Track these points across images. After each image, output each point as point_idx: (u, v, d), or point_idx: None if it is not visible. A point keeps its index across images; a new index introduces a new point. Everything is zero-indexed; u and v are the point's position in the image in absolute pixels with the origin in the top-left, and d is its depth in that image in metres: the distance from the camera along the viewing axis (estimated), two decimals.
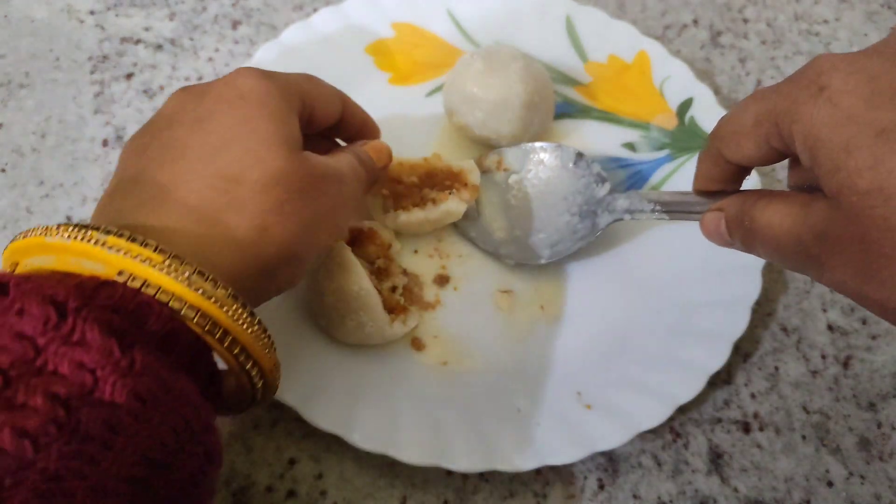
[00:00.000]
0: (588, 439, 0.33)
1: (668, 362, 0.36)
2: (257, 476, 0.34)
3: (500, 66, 0.41)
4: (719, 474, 0.36)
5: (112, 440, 0.18)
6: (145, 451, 0.19)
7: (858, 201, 0.21)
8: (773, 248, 0.25)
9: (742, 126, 0.26)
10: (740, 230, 0.26)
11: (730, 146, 0.26)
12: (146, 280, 0.21)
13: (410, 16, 0.48)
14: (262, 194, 0.25)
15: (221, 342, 0.22)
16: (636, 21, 0.51)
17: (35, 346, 0.18)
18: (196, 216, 0.24)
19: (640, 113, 0.46)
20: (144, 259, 0.21)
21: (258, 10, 0.51)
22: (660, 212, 0.34)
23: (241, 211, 0.24)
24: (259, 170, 0.25)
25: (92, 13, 0.50)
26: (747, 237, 0.26)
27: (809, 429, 0.37)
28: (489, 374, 0.37)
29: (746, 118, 0.25)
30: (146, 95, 0.46)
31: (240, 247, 0.24)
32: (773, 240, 0.24)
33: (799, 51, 0.52)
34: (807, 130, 0.22)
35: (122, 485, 0.18)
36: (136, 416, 0.19)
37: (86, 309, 0.19)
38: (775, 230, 0.24)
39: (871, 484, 0.36)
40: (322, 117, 0.32)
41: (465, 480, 0.34)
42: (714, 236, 0.29)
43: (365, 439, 0.32)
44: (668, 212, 0.34)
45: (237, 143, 0.25)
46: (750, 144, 0.25)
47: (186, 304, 0.21)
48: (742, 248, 0.27)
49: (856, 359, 0.39)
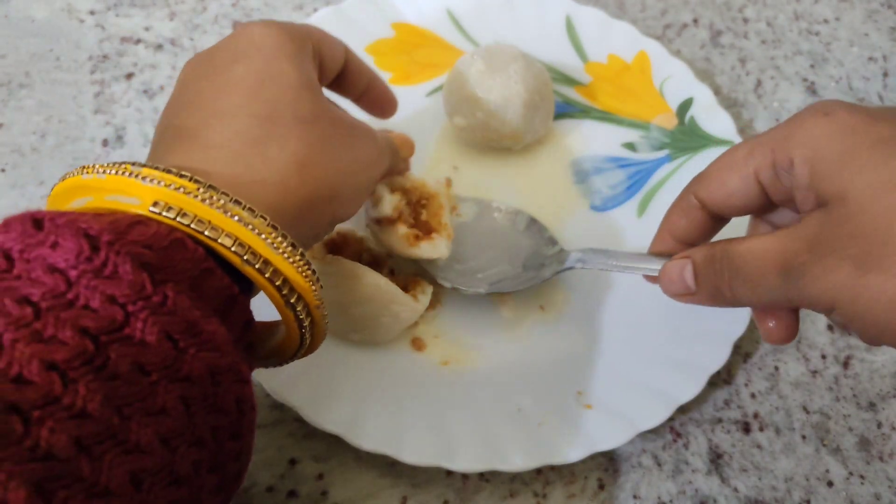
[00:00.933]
0: (588, 439, 0.33)
1: (668, 362, 0.36)
2: (258, 476, 0.34)
3: (500, 66, 0.41)
4: (719, 474, 0.36)
5: (139, 381, 0.18)
6: (173, 396, 0.19)
7: (861, 194, 0.21)
8: (751, 274, 0.24)
9: (730, 161, 0.27)
10: (710, 271, 0.26)
11: (711, 184, 0.27)
12: (181, 209, 0.20)
13: (410, 15, 0.48)
14: (303, 129, 0.24)
15: (262, 274, 0.21)
16: (636, 21, 0.51)
17: (67, 278, 0.18)
18: (233, 152, 0.23)
19: (640, 113, 0.46)
20: (178, 187, 0.20)
21: (258, 9, 0.51)
22: (615, 268, 0.33)
23: (283, 145, 0.24)
24: (293, 109, 0.25)
25: (92, 13, 0.50)
26: (719, 277, 0.26)
27: (809, 429, 0.37)
28: (490, 374, 0.37)
29: (738, 153, 0.27)
30: (146, 95, 0.46)
31: (280, 181, 0.23)
32: (752, 264, 0.24)
33: (799, 50, 0.52)
34: (808, 144, 0.24)
35: (148, 430, 0.18)
36: (165, 357, 0.18)
37: (118, 243, 0.18)
38: (756, 253, 0.24)
39: (871, 484, 0.36)
40: (331, 64, 0.31)
41: (465, 480, 0.34)
42: (675, 284, 0.28)
43: (366, 439, 0.32)
44: (624, 268, 0.33)
45: (264, 87, 0.25)
46: (735, 178, 0.27)
47: (223, 232, 0.20)
48: (705, 295, 0.27)
49: (856, 359, 0.40)
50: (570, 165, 0.45)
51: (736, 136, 0.43)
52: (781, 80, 0.50)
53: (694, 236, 0.30)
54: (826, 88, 0.50)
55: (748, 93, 0.50)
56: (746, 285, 0.25)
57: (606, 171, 0.44)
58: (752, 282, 0.24)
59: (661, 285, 0.29)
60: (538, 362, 0.37)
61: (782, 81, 0.50)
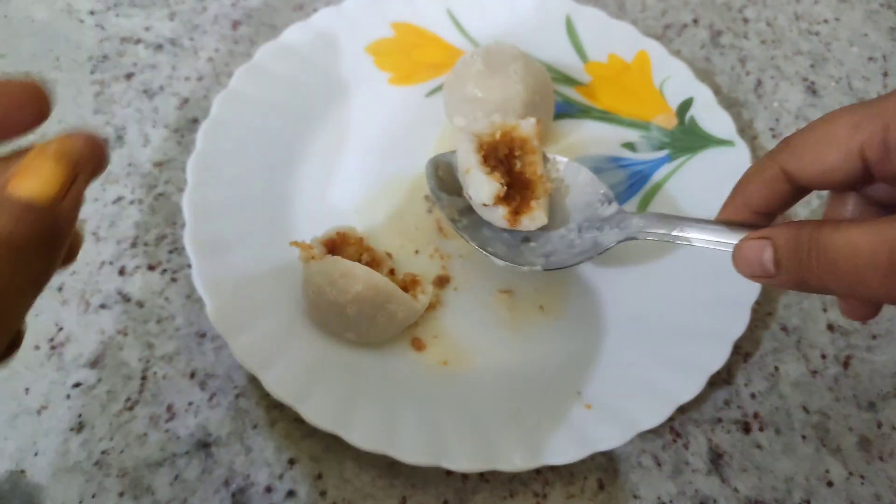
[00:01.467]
0: (588, 439, 0.33)
1: (668, 362, 0.36)
2: (256, 476, 0.34)
3: (500, 66, 0.41)
4: (719, 474, 0.36)
5: None
6: None
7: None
8: (850, 271, 0.21)
9: (830, 134, 0.24)
10: (795, 259, 0.23)
11: (805, 158, 0.24)
12: None
13: (410, 15, 0.48)
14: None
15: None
16: (636, 21, 0.51)
17: None
18: None
19: (640, 113, 0.46)
20: None
21: (258, 9, 0.51)
22: (680, 240, 0.30)
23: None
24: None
25: (92, 13, 0.50)
26: (806, 267, 0.23)
27: (809, 429, 0.37)
28: (489, 374, 0.37)
29: (838, 126, 0.24)
30: (146, 95, 0.46)
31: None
32: (853, 261, 0.21)
33: (799, 50, 0.52)
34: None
35: None
36: None
37: None
38: (858, 248, 0.21)
39: (871, 484, 0.36)
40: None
41: (464, 480, 0.34)
42: (752, 267, 0.25)
43: (364, 439, 0.32)
44: (690, 241, 0.30)
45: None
46: (836, 154, 0.24)
47: None
48: (787, 281, 0.24)
49: (856, 358, 0.39)
50: None
51: (736, 136, 0.43)
52: (781, 80, 0.50)
53: (772, 207, 0.27)
54: (826, 88, 0.50)
55: (748, 93, 0.50)
56: (842, 280, 0.22)
57: (606, 171, 0.44)
58: (850, 278, 0.22)
59: (734, 264, 0.26)
60: (538, 362, 0.37)
61: (782, 81, 0.50)
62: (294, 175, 0.42)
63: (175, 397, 0.36)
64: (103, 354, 0.37)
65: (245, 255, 0.38)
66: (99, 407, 0.35)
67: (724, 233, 0.28)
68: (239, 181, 0.40)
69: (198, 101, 0.46)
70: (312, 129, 0.44)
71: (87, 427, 0.35)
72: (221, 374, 0.36)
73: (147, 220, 0.41)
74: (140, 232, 0.41)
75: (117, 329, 0.37)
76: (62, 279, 0.39)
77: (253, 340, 0.35)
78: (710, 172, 0.42)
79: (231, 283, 0.36)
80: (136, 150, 0.44)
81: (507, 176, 0.35)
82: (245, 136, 0.42)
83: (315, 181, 0.42)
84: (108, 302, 0.38)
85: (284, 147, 0.43)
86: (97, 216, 0.41)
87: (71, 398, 0.36)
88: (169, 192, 0.42)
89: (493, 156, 0.35)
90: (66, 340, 0.37)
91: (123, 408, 0.35)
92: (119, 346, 0.37)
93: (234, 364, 0.37)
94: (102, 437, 0.35)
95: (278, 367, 0.34)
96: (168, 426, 0.35)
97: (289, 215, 0.41)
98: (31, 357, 0.36)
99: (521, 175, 0.35)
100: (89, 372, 0.36)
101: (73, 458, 0.34)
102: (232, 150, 0.41)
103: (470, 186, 0.35)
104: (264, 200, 0.41)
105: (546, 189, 0.35)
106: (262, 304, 0.36)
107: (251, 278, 0.37)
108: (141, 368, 0.37)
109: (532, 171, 0.35)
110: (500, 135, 0.36)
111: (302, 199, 0.41)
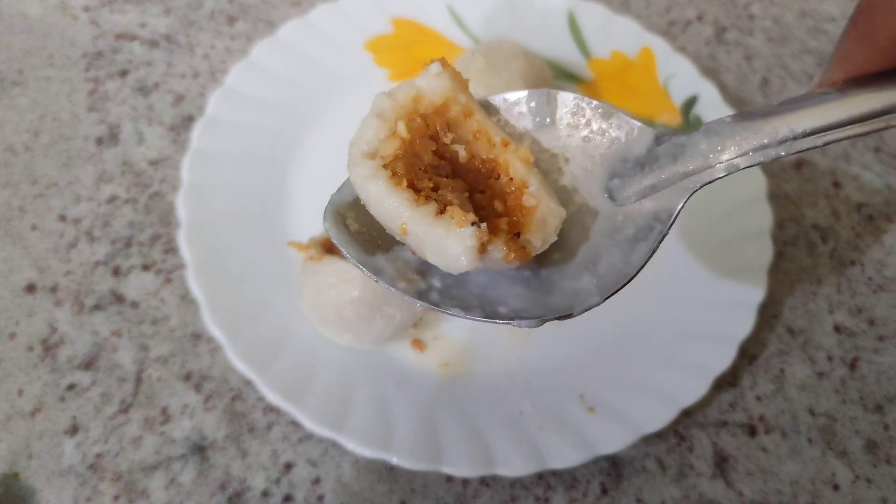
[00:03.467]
0: (591, 443, 0.33)
1: (672, 364, 0.35)
2: (253, 480, 0.33)
3: (502, 63, 0.40)
4: (724, 478, 0.35)
5: None
6: None
7: None
8: None
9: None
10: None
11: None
12: None
13: (410, 11, 0.47)
14: None
15: None
16: (640, 17, 0.51)
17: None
18: None
19: (644, 111, 0.45)
20: None
21: (255, 5, 0.50)
22: (793, 145, 0.18)
23: None
24: None
25: (86, 9, 0.49)
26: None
27: (815, 432, 0.37)
28: (490, 377, 0.36)
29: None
30: (141, 93, 0.45)
31: None
32: None
33: (806, 49, 0.51)
34: None
35: None
36: None
37: None
38: None
39: (877, 487, 0.35)
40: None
41: (465, 485, 0.34)
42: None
43: (362, 443, 0.32)
44: (826, 139, 0.18)
45: None
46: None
47: None
48: None
49: (863, 360, 0.39)
50: None
51: None
52: (789, 78, 0.50)
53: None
54: None
55: (754, 91, 0.49)
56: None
57: None
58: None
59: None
60: (539, 365, 0.36)
61: (789, 80, 0.50)
62: (291, 174, 0.41)
63: (170, 400, 0.35)
64: (97, 356, 0.36)
65: (241, 255, 0.37)
66: (93, 409, 0.35)
67: (859, 101, 0.17)
68: (235, 180, 0.40)
69: (193, 99, 0.45)
70: (310, 127, 0.43)
71: (81, 430, 0.34)
72: (217, 377, 0.36)
73: (142, 220, 0.40)
74: (134, 232, 0.40)
75: (111, 330, 0.37)
76: (56, 279, 0.38)
77: (249, 342, 0.34)
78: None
79: (227, 284, 0.36)
80: (131, 148, 0.43)
81: (455, 181, 0.21)
82: (241, 134, 0.41)
83: (313, 180, 0.42)
84: (102, 303, 0.38)
85: (282, 145, 0.42)
86: (91, 216, 0.40)
87: (65, 400, 0.35)
88: (164, 191, 0.42)
89: (411, 166, 0.21)
90: (59, 342, 0.36)
91: (118, 410, 0.35)
92: (113, 347, 0.36)
93: (230, 366, 0.36)
94: (97, 440, 0.34)
95: (275, 369, 0.34)
96: (163, 429, 0.34)
97: (286, 215, 0.40)
98: (25, 359, 0.36)
99: (476, 163, 0.21)
100: (83, 374, 0.36)
101: (67, 461, 0.33)
102: (228, 149, 0.40)
103: (416, 245, 0.20)
104: (261, 200, 0.40)
105: (526, 159, 0.21)
106: (259, 306, 0.36)
107: (247, 279, 0.36)
108: (135, 370, 0.36)
109: (487, 147, 0.21)
110: (402, 127, 0.21)
111: (299, 198, 0.41)
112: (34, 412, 0.35)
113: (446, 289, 0.21)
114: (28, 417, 0.34)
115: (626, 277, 0.20)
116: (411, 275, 0.22)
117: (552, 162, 0.22)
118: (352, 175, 0.21)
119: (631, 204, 0.21)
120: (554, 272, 0.21)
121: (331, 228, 0.22)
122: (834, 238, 0.43)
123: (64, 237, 0.39)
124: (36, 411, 0.35)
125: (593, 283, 0.21)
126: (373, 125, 0.21)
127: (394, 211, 0.20)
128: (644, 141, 0.21)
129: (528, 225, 0.20)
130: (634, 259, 0.21)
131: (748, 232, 0.38)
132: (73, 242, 0.39)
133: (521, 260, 0.20)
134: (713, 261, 0.38)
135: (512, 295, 0.21)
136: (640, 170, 0.21)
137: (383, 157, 0.21)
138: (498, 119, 0.23)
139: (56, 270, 0.38)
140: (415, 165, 0.21)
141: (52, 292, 0.38)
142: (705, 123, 0.20)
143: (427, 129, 0.21)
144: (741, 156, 0.19)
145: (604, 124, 0.22)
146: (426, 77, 0.21)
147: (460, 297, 0.21)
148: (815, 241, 0.43)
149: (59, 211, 0.41)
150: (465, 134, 0.21)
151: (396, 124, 0.21)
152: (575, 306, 0.20)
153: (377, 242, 0.22)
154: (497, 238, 0.20)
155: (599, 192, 0.21)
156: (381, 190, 0.20)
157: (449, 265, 0.20)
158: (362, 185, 0.20)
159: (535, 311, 0.20)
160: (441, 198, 0.20)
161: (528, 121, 0.22)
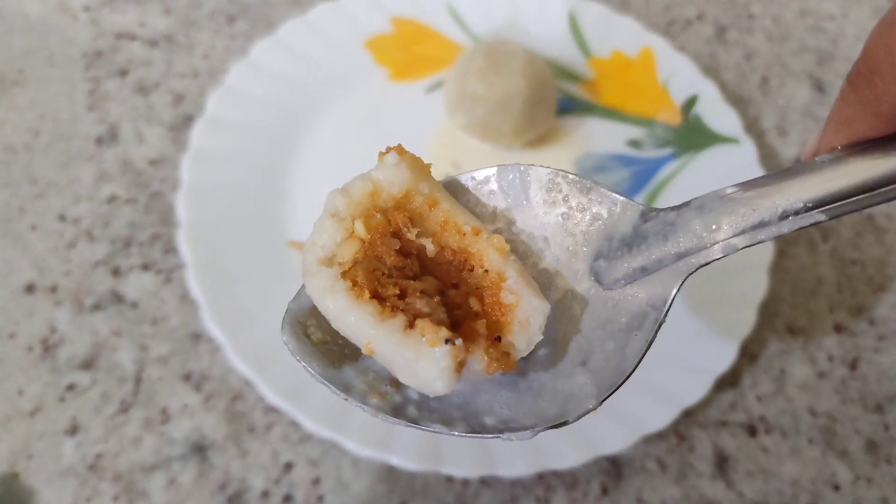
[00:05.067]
0: (591, 443, 0.33)
1: (672, 364, 0.35)
2: (253, 481, 0.33)
3: (502, 62, 0.40)
4: (725, 478, 0.35)
5: None
6: None
7: None
8: None
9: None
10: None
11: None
12: None
13: (410, 10, 0.47)
14: None
15: None
16: (640, 16, 0.51)
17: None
18: None
19: (645, 109, 0.45)
20: None
21: (254, 5, 0.50)
22: (821, 213, 0.18)
23: None
24: None
25: (86, 9, 0.49)
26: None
27: (816, 432, 0.36)
28: None
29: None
30: (141, 93, 0.45)
31: None
32: None
33: (806, 47, 0.51)
34: None
35: None
36: None
37: None
38: None
39: (878, 487, 0.35)
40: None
41: (465, 485, 0.34)
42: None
43: (362, 444, 0.32)
44: (838, 210, 0.18)
45: None
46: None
47: None
48: None
49: (863, 360, 0.39)
50: (574, 163, 0.44)
51: (742, 134, 0.43)
52: (788, 76, 0.50)
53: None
54: (833, 85, 0.49)
55: (754, 90, 0.49)
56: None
57: (610, 169, 0.43)
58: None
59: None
60: None
61: (789, 78, 0.50)
62: (292, 173, 0.41)
63: (170, 400, 0.35)
64: (97, 356, 0.36)
65: (241, 255, 0.37)
66: (93, 409, 0.35)
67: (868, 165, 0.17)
68: (235, 180, 0.40)
69: (193, 99, 0.45)
70: (311, 126, 0.43)
71: (80, 430, 0.34)
72: (217, 377, 0.36)
73: (141, 220, 0.40)
74: (134, 231, 0.40)
75: (111, 330, 0.37)
76: (55, 279, 0.38)
77: (249, 342, 0.34)
78: (715, 170, 0.42)
79: (227, 284, 0.36)
80: (131, 148, 0.43)
81: (425, 281, 0.19)
82: (241, 133, 0.41)
83: (313, 179, 0.41)
84: (101, 303, 0.38)
85: (282, 145, 0.42)
86: (91, 215, 0.40)
87: (65, 400, 0.35)
88: (164, 190, 0.41)
89: (373, 272, 0.19)
90: (59, 342, 0.36)
91: (117, 410, 0.35)
92: (113, 347, 0.36)
93: (230, 366, 0.36)
94: (96, 440, 0.34)
95: (275, 369, 0.33)
96: (163, 429, 0.34)
97: (286, 214, 0.40)
98: (25, 358, 0.36)
99: (446, 256, 0.19)
100: (83, 374, 0.36)
101: (66, 461, 0.33)
102: (228, 148, 0.40)
103: (386, 364, 0.19)
104: (261, 199, 0.40)
105: (501, 249, 0.19)
106: (259, 306, 0.36)
107: (248, 279, 0.36)
108: (135, 370, 0.36)
109: (458, 238, 0.19)
110: (360, 227, 0.19)
111: (300, 197, 0.41)
112: (34, 412, 0.35)
113: (424, 400, 0.19)
114: (28, 417, 0.34)
115: (624, 374, 0.19)
116: (384, 387, 0.20)
117: (530, 243, 0.21)
118: (308, 287, 0.19)
119: (621, 288, 0.20)
120: (543, 372, 0.19)
121: (290, 342, 0.19)
122: (835, 237, 0.43)
123: (63, 237, 0.39)
124: (36, 411, 0.35)
125: (588, 382, 0.19)
126: (327, 227, 0.19)
127: (357, 328, 0.18)
128: (629, 218, 0.20)
129: (509, 325, 0.18)
130: (631, 352, 0.19)
131: None
132: (72, 242, 0.39)
133: (504, 369, 0.18)
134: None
135: (498, 402, 0.19)
136: (627, 250, 0.20)
137: (341, 264, 0.19)
138: (468, 200, 0.21)
139: (56, 270, 0.38)
140: (377, 270, 0.19)
141: (51, 292, 0.38)
142: (696, 199, 0.19)
143: (388, 225, 0.19)
144: (738, 235, 0.18)
145: (583, 199, 0.20)
146: (382, 168, 0.19)
147: (441, 410, 0.19)
148: (816, 240, 0.43)
149: (59, 211, 0.41)
150: (431, 226, 0.19)
151: (353, 224, 0.19)
152: (570, 412, 0.19)
153: (343, 352, 0.20)
154: (475, 346, 0.18)
155: (585, 275, 0.20)
156: (340, 305, 0.18)
157: (422, 388, 0.18)
158: (320, 300, 0.19)
159: (525, 421, 0.19)
160: (409, 307, 0.18)
161: (500, 199, 0.21)
